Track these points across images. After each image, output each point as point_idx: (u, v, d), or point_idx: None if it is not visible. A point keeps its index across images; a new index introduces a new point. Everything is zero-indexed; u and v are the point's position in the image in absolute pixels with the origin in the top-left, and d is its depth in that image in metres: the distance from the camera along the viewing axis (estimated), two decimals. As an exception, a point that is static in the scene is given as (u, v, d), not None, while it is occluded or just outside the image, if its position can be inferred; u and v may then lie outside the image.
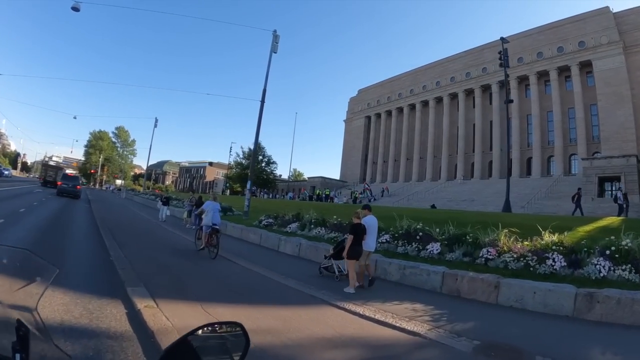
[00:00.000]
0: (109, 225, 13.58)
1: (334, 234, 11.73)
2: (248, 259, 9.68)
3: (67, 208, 20.57)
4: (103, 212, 19.34)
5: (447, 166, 50.99)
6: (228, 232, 14.33)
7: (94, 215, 17.34)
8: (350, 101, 72.21)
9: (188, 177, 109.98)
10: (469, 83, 50.32)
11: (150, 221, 19.19)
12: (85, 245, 10.00)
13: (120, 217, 19.29)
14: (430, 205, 33.52)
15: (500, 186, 40.16)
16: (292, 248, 11.17)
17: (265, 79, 16.31)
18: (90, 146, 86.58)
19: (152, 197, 38.20)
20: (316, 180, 61.13)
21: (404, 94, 58.97)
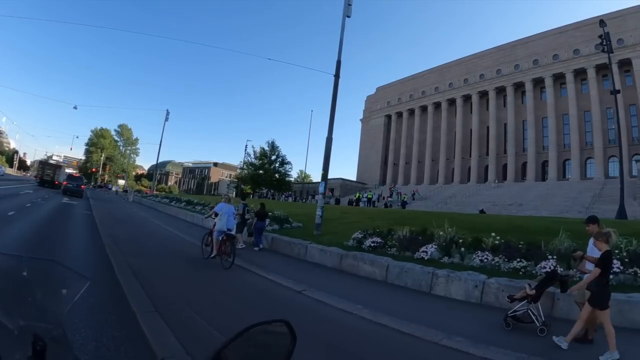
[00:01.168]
0: (132, 261, 7.68)
1: (506, 261, 8.24)
2: (382, 309, 6.05)
3: (60, 220, 14.28)
4: (111, 225, 14.15)
5: (477, 168, 50.16)
6: (308, 257, 10.78)
7: (100, 231, 11.94)
8: (368, 99, 71.17)
9: (192, 177, 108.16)
10: (500, 80, 49.54)
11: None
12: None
13: (142, 237, 12.68)
14: (479, 211, 32.55)
15: (541, 189, 39.69)
16: (465, 289, 7.20)
17: (339, 48, 14.38)
18: (92, 144, 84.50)
19: (167, 201, 32.97)
20: (334, 182, 59.94)
21: (428, 92, 58.08)
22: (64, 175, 52.50)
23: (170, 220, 20.87)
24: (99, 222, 14.63)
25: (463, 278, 7.32)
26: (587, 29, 44.25)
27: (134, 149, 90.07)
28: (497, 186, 43.72)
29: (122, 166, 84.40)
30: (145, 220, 19.55)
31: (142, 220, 19.49)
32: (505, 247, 8.69)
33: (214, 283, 7.34)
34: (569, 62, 44.42)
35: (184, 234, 14.56)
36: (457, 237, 9.67)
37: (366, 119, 69.71)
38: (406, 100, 61.34)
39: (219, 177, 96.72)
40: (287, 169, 64.57)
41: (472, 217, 22.19)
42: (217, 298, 6.14)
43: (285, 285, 7.40)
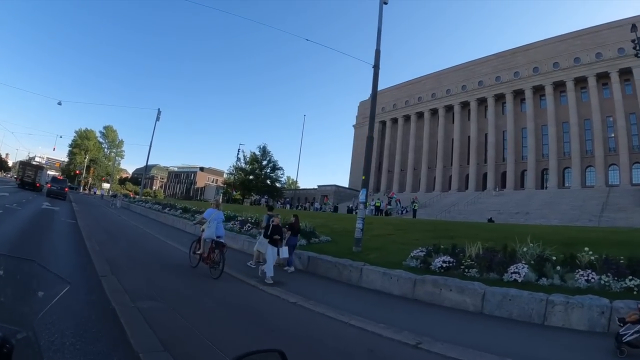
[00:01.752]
0: (149, 313, 5.03)
1: (615, 280, 6.88)
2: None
3: (37, 234, 11.16)
4: (103, 242, 11.27)
5: (476, 176, 49.49)
6: (364, 282, 8.83)
7: (90, 252, 9.10)
8: (361, 105, 70.33)
9: (177, 182, 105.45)
10: (499, 88, 49.30)
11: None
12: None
13: (148, 260, 9.74)
14: (488, 219, 31.50)
15: (544, 197, 39.08)
16: (589, 317, 5.91)
17: (378, 37, 13.19)
18: (75, 145, 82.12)
19: (159, 207, 29.38)
20: (328, 188, 58.45)
21: (424, 98, 57.56)
22: (45, 177, 49.37)
23: (170, 232, 17.93)
24: (87, 236, 11.65)
25: (586, 304, 6.00)
26: (587, 37, 44.63)
27: (119, 152, 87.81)
28: (498, 194, 42.96)
29: (107, 169, 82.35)
30: (143, 234, 16.23)
31: (139, 234, 16.39)
32: (605, 263, 7.32)
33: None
34: (570, 70, 44.45)
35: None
36: (546, 254, 8.10)
37: (359, 125, 68.67)
38: (401, 107, 60.70)
39: (205, 182, 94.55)
40: (278, 174, 62.94)
41: (496, 226, 20.89)
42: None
43: (374, 332, 5.30)
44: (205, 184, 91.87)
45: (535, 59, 47.37)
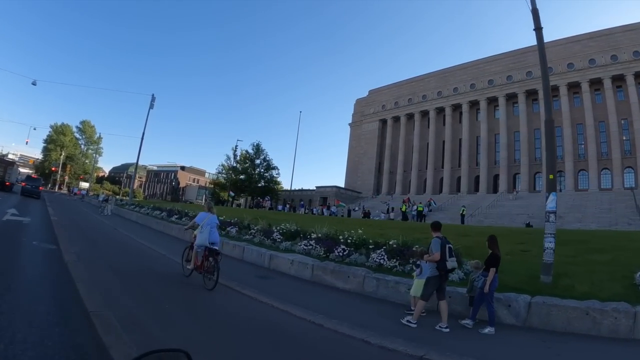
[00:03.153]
0: None
1: None
2: None
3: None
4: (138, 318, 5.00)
5: (487, 178, 48.80)
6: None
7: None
8: (358, 103, 68.62)
9: (157, 181, 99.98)
10: (511, 87, 48.97)
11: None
12: None
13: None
14: (526, 224, 30.44)
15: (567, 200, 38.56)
16: None
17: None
18: (50, 141, 78.11)
19: (163, 215, 22.68)
20: (328, 190, 56.04)
21: (429, 96, 56.54)
22: (16, 174, 44.29)
23: (239, 267, 11.65)
24: (90, 296, 5.40)
25: None
26: (602, 39, 45.08)
27: (97, 148, 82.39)
28: (516, 197, 42.19)
29: (84, 167, 78.88)
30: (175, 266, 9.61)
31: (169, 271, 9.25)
32: None
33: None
34: (585, 72, 44.67)
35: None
36: None
37: (356, 124, 66.91)
38: (404, 105, 59.39)
39: (187, 181, 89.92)
40: (273, 174, 59.85)
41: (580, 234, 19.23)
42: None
43: None
44: (186, 184, 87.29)
45: (548, 59, 47.15)
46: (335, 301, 7.65)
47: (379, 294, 8.09)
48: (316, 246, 10.96)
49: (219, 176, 65.75)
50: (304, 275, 9.57)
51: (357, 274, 8.64)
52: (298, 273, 9.74)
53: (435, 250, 6.40)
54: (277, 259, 10.68)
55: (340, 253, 10.22)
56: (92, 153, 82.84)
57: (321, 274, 9.30)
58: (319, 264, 9.54)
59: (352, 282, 8.64)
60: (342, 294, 8.24)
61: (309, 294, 8.09)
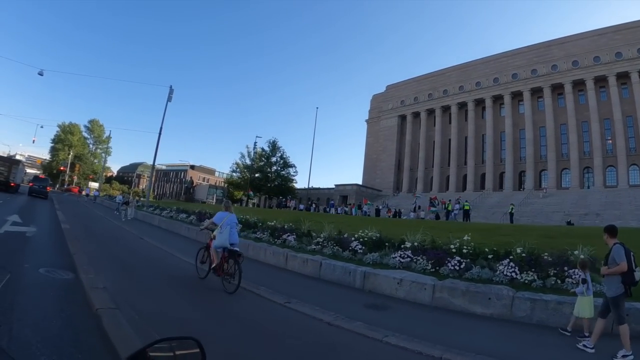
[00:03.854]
0: None
1: None
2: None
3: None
4: None
5: (512, 174, 49.21)
6: None
7: None
8: (374, 99, 68.70)
9: (166, 181, 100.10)
10: (536, 81, 49.19)
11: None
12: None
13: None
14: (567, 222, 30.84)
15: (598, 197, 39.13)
16: None
17: None
18: (58, 141, 77.67)
19: (193, 219, 20.31)
20: (348, 188, 56.35)
21: (450, 91, 56.71)
22: (22, 174, 44.00)
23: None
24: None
25: None
26: (628, 32, 45.20)
27: (106, 148, 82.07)
28: (546, 195, 42.60)
29: (93, 167, 78.62)
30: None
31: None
32: None
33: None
34: (612, 65, 44.87)
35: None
36: None
37: (373, 120, 67.06)
38: (424, 100, 59.54)
39: (197, 180, 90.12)
40: (290, 172, 59.91)
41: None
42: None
43: None
44: (196, 183, 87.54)
45: (573, 53, 47.53)
46: (494, 334, 5.99)
47: (534, 318, 6.59)
48: (417, 258, 9.14)
49: (233, 175, 65.85)
50: (421, 299, 7.59)
51: (501, 294, 6.97)
52: (410, 296, 7.74)
53: (619, 259, 5.48)
54: (377, 278, 8.37)
55: (455, 267, 8.51)
56: (100, 152, 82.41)
57: (447, 297, 7.44)
58: (443, 284, 7.59)
59: (494, 305, 6.99)
60: (485, 323, 6.62)
61: (447, 326, 6.27)
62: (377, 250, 10.27)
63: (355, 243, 10.77)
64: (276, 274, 10.00)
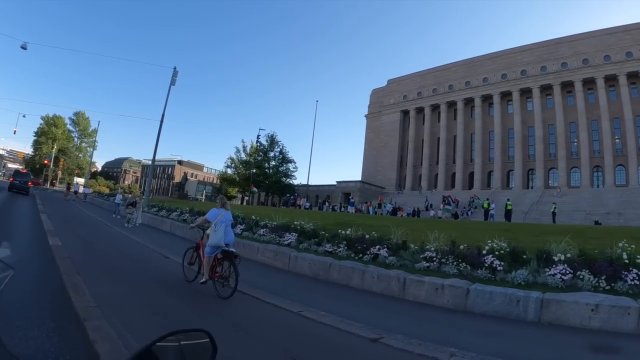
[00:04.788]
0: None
1: None
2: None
3: None
4: None
5: (522, 172, 49.48)
6: None
7: None
8: (374, 93, 67.97)
9: (153, 177, 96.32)
10: (546, 78, 49.60)
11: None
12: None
13: None
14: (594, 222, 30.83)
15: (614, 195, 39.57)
16: None
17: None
18: (41, 134, 75.21)
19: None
20: (351, 185, 55.21)
21: (456, 86, 56.56)
22: (0, 168, 41.90)
23: None
24: None
25: None
26: (638, 32, 46.15)
27: (91, 142, 78.84)
28: (560, 194, 42.85)
29: (77, 161, 76.53)
30: None
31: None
32: None
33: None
34: (622, 65, 45.69)
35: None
36: None
37: (374, 115, 66.28)
38: (429, 95, 59.21)
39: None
40: (289, 168, 58.32)
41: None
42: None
43: None
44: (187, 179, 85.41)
45: (582, 51, 48.18)
46: None
47: None
48: (581, 274, 7.39)
49: (227, 170, 63.71)
50: (622, 327, 5.90)
51: None
52: (608, 325, 5.98)
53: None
54: (562, 306, 6.36)
55: (634, 281, 6.93)
56: (86, 147, 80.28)
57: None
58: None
59: None
60: None
61: None
62: (517, 266, 8.13)
63: (490, 258, 8.34)
64: (393, 306, 7.37)
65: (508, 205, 31.68)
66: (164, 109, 31.28)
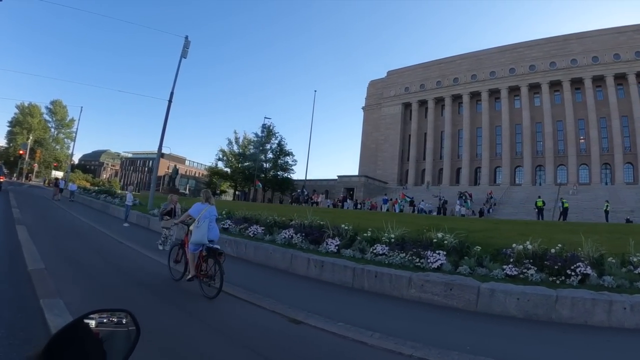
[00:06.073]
0: None
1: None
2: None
3: None
4: None
5: (531, 169, 50.04)
6: None
7: None
8: (372, 85, 66.98)
9: (133, 170, 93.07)
10: (555, 74, 50.36)
11: None
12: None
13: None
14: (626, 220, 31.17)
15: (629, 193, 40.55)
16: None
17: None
18: (16, 123, 72.59)
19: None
20: (354, 180, 53.86)
21: (462, 80, 56.53)
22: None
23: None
24: None
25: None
26: (646, 31, 47.73)
27: (68, 133, 76.83)
28: (575, 191, 43.48)
29: (54, 153, 74.23)
30: None
31: None
32: None
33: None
34: (632, 64, 47.01)
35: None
36: None
37: (372, 107, 65.27)
38: (432, 87, 58.86)
39: (166, 170, 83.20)
40: (288, 161, 56.17)
41: None
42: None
43: None
44: (165, 172, 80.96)
45: (592, 48, 49.29)
46: None
47: None
48: None
49: (218, 163, 60.71)
50: None
51: None
52: None
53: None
54: None
55: None
56: (63, 138, 77.47)
57: None
58: None
59: None
60: None
61: None
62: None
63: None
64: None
65: (565, 203, 31.22)
66: (173, 87, 27.44)
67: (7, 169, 54.32)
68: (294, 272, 9.48)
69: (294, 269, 9.56)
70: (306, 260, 9.36)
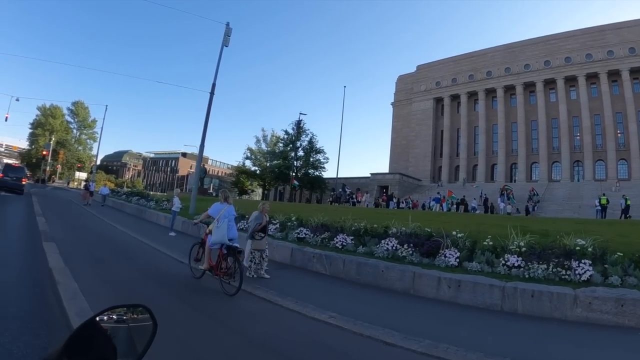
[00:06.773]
0: None
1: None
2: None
3: None
4: None
5: (569, 164, 50.72)
6: None
7: None
8: (401, 80, 67.41)
9: (155, 170, 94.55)
10: (592, 66, 50.58)
11: None
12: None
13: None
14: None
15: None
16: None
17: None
18: (38, 125, 72.52)
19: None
20: (388, 177, 54.94)
21: (495, 73, 56.93)
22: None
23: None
24: None
25: None
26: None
27: (91, 133, 78.07)
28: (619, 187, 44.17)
29: (77, 154, 75.07)
30: None
31: None
32: None
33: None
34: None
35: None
36: None
37: (401, 102, 65.92)
38: (465, 81, 59.33)
39: (188, 170, 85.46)
40: (320, 159, 57.11)
41: None
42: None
43: None
44: (188, 172, 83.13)
45: (629, 39, 49.26)
46: None
47: None
48: None
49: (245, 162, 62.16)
50: None
51: None
52: None
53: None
54: None
55: None
56: (85, 139, 78.63)
57: None
58: None
59: None
60: None
61: None
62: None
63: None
64: None
65: (627, 200, 32.35)
66: (215, 77, 25.89)
67: (30, 170, 55.00)
68: (417, 294, 8.12)
69: (417, 291, 8.16)
70: (435, 280, 7.98)
